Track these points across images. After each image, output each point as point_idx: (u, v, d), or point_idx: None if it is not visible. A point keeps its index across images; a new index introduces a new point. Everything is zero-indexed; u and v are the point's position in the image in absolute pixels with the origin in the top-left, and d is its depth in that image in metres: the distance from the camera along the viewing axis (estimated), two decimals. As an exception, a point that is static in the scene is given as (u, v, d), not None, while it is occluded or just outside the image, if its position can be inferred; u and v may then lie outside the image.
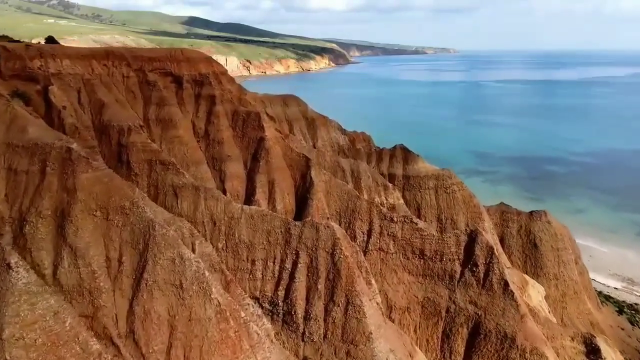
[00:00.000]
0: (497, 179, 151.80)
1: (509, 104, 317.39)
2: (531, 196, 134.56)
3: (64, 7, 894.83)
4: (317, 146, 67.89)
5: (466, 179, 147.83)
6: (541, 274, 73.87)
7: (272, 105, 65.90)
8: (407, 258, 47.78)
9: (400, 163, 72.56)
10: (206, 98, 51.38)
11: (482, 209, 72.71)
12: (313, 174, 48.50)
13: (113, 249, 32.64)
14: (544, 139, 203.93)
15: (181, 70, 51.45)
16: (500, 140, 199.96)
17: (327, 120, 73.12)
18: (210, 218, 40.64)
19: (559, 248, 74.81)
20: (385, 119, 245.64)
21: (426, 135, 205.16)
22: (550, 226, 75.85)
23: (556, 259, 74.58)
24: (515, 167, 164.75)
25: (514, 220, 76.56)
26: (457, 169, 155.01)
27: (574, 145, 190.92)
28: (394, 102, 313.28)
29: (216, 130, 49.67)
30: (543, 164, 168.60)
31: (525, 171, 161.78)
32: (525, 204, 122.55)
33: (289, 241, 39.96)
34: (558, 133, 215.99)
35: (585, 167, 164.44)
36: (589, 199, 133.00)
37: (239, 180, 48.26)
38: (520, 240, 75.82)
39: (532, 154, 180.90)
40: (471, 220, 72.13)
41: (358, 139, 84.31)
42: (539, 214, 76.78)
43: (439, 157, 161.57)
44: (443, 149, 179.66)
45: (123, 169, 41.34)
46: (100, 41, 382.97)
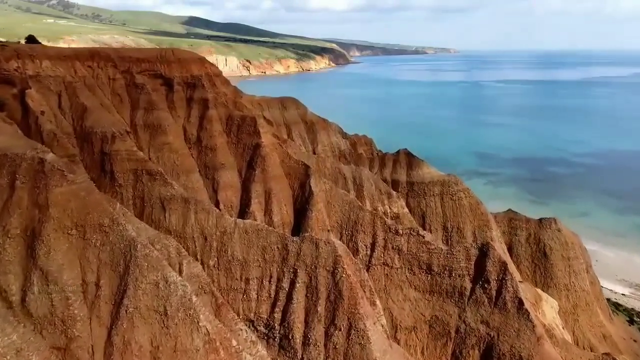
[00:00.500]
0: (500, 180, 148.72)
1: (510, 104, 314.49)
2: (534, 199, 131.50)
3: (64, 7, 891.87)
4: (317, 151, 64.61)
5: (468, 180, 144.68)
6: (551, 284, 70.58)
7: (270, 109, 62.64)
8: (413, 273, 44.57)
9: (404, 169, 69.27)
10: (198, 102, 48.12)
11: (490, 216, 69.45)
12: (312, 183, 45.22)
13: (90, 271, 29.36)
14: (546, 140, 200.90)
15: (172, 72, 48.18)
16: (502, 141, 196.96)
17: (328, 123, 69.85)
18: (201, 233, 37.38)
19: (570, 257, 71.53)
20: (385, 119, 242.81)
21: (427, 136, 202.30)
22: (561, 234, 72.56)
23: (567, 269, 71.29)
24: (518, 168, 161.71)
25: (523, 228, 73.29)
26: (458, 171, 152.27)
27: (577, 147, 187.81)
28: (394, 102, 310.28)
29: (209, 136, 46.40)
30: (546, 165, 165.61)
31: (528, 173, 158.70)
32: (528, 207, 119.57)
33: (287, 258, 36.71)
34: (560, 134, 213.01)
35: (589, 169, 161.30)
36: (594, 202, 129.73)
37: (233, 190, 44.99)
38: (529, 249, 72.56)
39: (535, 155, 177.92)
40: (478, 229, 68.89)
41: (359, 142, 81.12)
42: (548, 221, 73.45)
43: (440, 159, 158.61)
44: (444, 150, 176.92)
45: (106, 180, 38.10)
46: (100, 41, 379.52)
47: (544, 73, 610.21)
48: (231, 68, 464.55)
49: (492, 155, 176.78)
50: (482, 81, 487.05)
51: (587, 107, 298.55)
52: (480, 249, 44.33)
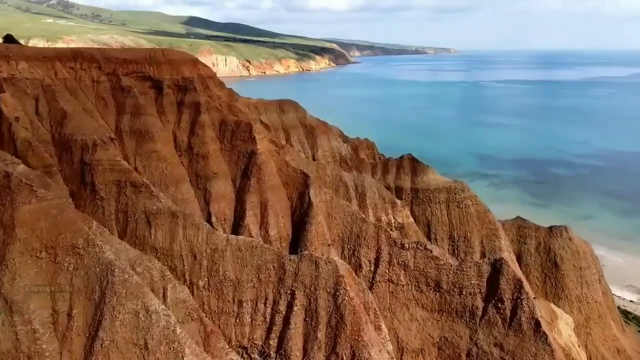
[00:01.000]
0: (502, 182, 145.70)
1: (510, 105, 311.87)
2: (537, 201, 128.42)
3: (64, 6, 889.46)
4: (317, 157, 61.32)
5: (470, 183, 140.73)
6: (562, 295, 67.25)
7: (267, 112, 59.33)
8: (420, 291, 41.35)
9: (408, 175, 65.96)
10: (190, 106, 44.82)
11: (498, 225, 66.15)
12: (312, 194, 41.93)
13: (61, 300, 26.13)
14: (547, 141, 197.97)
15: (161, 74, 44.89)
16: (503, 142, 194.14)
17: (328, 127, 66.55)
18: (190, 250, 34.11)
19: (582, 267, 68.14)
20: (385, 120, 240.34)
21: (427, 137, 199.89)
22: (572, 243, 69.19)
23: (579, 280, 67.88)
24: (520, 170, 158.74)
25: (532, 236, 69.92)
26: (459, 172, 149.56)
27: (579, 147, 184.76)
28: (395, 102, 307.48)
29: (201, 143, 43.11)
30: (548, 166, 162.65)
31: (530, 174, 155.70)
32: (531, 210, 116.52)
33: (283, 279, 33.46)
34: (562, 134, 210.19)
35: (592, 170, 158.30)
36: (598, 204, 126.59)
37: (227, 201, 41.70)
38: (539, 259, 69.20)
39: (537, 156, 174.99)
40: (486, 238, 65.64)
41: (361, 146, 77.92)
42: (559, 229, 70.04)
43: (441, 160, 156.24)
44: (445, 151, 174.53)
45: (87, 192, 34.86)
46: (99, 41, 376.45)
47: (544, 73, 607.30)
48: (231, 68, 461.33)
49: (493, 156, 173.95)
50: (483, 81, 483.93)
51: (588, 107, 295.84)
52: (493, 264, 41.10)
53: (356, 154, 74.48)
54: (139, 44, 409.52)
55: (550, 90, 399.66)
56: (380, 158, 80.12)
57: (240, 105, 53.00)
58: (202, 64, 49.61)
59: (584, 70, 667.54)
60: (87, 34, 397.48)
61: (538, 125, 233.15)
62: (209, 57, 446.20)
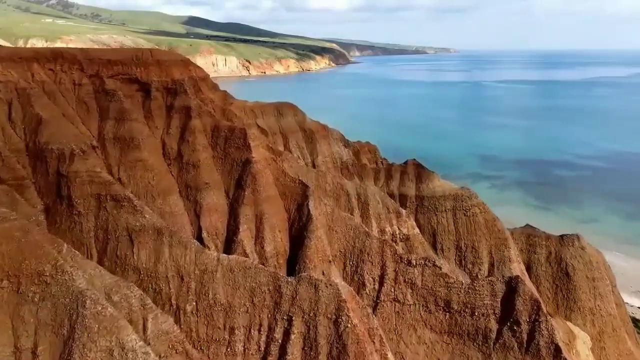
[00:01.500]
0: (504, 184, 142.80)
1: (512, 105, 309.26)
2: (540, 204, 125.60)
3: (63, 6, 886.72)
4: (317, 163, 58.03)
5: (472, 185, 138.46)
6: (575, 308, 63.92)
7: (265, 116, 56.01)
8: (429, 311, 38.14)
9: (413, 181, 62.69)
10: (180, 110, 41.52)
11: (507, 234, 62.93)
12: (311, 206, 38.65)
13: (25, 335, 22.88)
14: (549, 142, 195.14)
15: (149, 76, 41.58)
16: (504, 143, 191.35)
17: (328, 131, 63.24)
18: (177, 272, 30.85)
19: (595, 278, 64.85)
20: (386, 121, 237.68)
21: (428, 138, 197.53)
22: (585, 252, 65.89)
23: (592, 291, 64.55)
24: (522, 171, 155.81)
25: (542, 245, 66.62)
26: (461, 174, 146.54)
27: (582, 148, 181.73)
28: (395, 103, 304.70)
29: (191, 151, 39.81)
30: (551, 168, 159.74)
31: (533, 176, 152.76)
32: (535, 212, 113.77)
33: (280, 303, 30.22)
34: (564, 135, 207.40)
35: (595, 172, 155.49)
36: (603, 207, 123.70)
37: (219, 214, 38.42)
38: (549, 269, 65.92)
39: (539, 157, 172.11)
40: (495, 248, 62.43)
41: (363, 150, 74.70)
42: (570, 238, 66.65)
43: (442, 161, 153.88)
44: (446, 152, 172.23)
45: (63, 207, 31.59)
46: (99, 41, 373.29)
47: (544, 73, 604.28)
48: (231, 68, 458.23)
49: (495, 157, 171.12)
50: (483, 81, 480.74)
51: (589, 107, 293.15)
52: (508, 283, 37.86)
53: (358, 158, 71.25)
54: (138, 44, 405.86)
55: (551, 90, 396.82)
56: (382, 162, 77.07)
57: (235, 108, 49.69)
58: (194, 65, 46.32)
59: (584, 70, 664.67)
60: (86, 34, 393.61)
61: (540, 126, 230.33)
62: (209, 57, 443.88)
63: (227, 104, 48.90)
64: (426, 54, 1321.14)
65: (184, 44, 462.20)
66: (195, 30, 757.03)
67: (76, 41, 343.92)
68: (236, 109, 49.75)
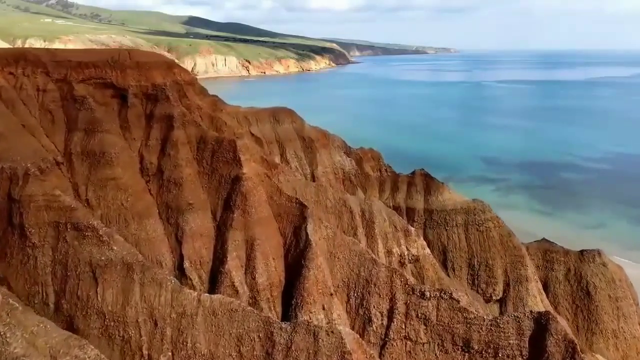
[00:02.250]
0: (508, 187, 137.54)
1: (514, 106, 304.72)
2: (546, 208, 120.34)
3: (63, 6, 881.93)
4: (317, 174, 52.98)
5: (475, 187, 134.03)
6: (596, 330, 58.90)
7: (259, 123, 50.97)
8: (445, 351, 33.13)
9: (421, 193, 57.67)
10: (161, 119, 36.40)
11: (524, 250, 57.94)
12: (310, 230, 33.57)
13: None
14: (553, 143, 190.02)
15: (126, 80, 36.45)
16: (507, 144, 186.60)
17: (329, 138, 58.18)
18: (149, 315, 25.80)
19: (618, 297, 59.83)
20: (387, 121, 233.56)
21: (430, 139, 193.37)
22: (607, 269, 60.91)
23: (615, 312, 59.51)
24: (526, 174, 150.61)
25: (560, 261, 61.64)
26: (464, 176, 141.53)
27: (586, 150, 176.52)
28: (396, 103, 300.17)
29: (173, 166, 34.72)
30: (555, 170, 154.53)
31: (538, 179, 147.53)
32: (540, 217, 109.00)
33: (272, 354, 25.20)
34: (567, 136, 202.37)
35: (601, 175, 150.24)
36: (609, 211, 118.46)
37: (204, 239, 33.34)
38: (568, 288, 60.97)
39: (543, 159, 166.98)
40: (510, 266, 57.42)
41: (366, 157, 69.72)
42: (591, 254, 61.60)
43: (444, 163, 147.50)
44: (448, 153, 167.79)
45: (14, 238, 26.54)
46: (97, 41, 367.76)
47: (546, 73, 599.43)
48: (230, 68, 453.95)
49: (498, 159, 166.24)
50: (484, 81, 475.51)
51: (592, 108, 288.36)
52: (537, 320, 32.84)
53: (360, 166, 66.28)
54: (137, 43, 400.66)
55: (552, 90, 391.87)
56: (387, 170, 72.31)
57: (226, 116, 44.58)
58: (179, 67, 41.15)
59: (585, 70, 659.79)
60: (85, 34, 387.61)
61: (543, 127, 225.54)
62: (208, 57, 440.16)
63: (217, 110, 43.83)
64: (426, 54, 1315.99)
65: (183, 43, 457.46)
66: (195, 30, 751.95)
67: (75, 41, 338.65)
68: (227, 117, 44.65)
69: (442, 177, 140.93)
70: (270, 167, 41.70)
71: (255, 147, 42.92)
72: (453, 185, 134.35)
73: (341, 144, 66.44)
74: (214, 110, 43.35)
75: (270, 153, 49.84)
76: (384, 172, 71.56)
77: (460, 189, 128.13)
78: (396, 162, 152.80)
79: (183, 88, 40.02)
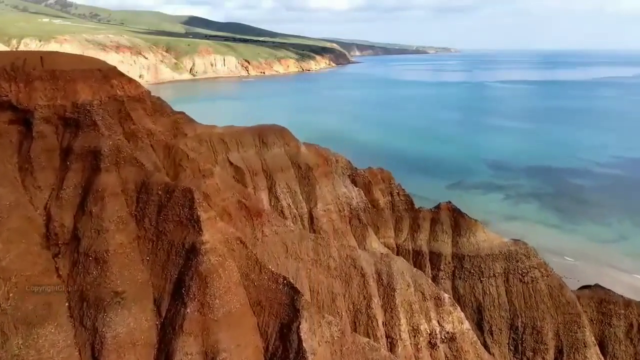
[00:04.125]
0: (518, 195, 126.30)
1: (518, 107, 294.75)
2: (560, 220, 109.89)
3: (62, 6, 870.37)
4: (316, 214, 40.59)
5: (483, 195, 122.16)
6: (668, 404, 46.75)
7: (242, 147, 38.62)
8: None
9: (448, 234, 45.33)
10: (82, 156, 24.00)
11: (579, 307, 45.67)
12: (304, 331, 21.36)
13: None
14: (562, 146, 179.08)
15: (33, 98, 24.17)
16: (514, 148, 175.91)
17: (331, 164, 45.76)
18: None
19: (695, 362, 47.55)
20: (388, 123, 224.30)
21: (433, 142, 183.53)
22: (679, 326, 48.63)
23: (691, 381, 47.22)
24: (537, 180, 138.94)
25: (620, 315, 49.72)
26: (471, 183, 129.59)
27: (597, 154, 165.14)
28: (397, 104, 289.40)
29: (95, 231, 22.44)
30: (567, 176, 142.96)
31: (549, 185, 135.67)
32: (555, 231, 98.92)
33: None
34: (576, 139, 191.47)
35: (615, 181, 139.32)
36: (630, 222, 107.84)
37: (140, 351, 21.05)
38: (631, 348, 49.06)
39: (552, 163, 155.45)
40: (563, 327, 45.21)
41: (375, 179, 57.67)
42: (659, 307, 49.39)
43: (450, 168, 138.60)
44: (453, 157, 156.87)
45: None
46: (94, 41, 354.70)
47: (548, 73, 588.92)
48: (229, 68, 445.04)
49: (505, 164, 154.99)
50: (487, 82, 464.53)
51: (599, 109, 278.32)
52: None
53: (369, 192, 54.04)
54: (134, 43, 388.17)
55: (557, 91, 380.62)
56: (399, 194, 60.42)
57: (193, 142, 32.22)
58: (121, 77, 28.63)
59: (588, 70, 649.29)
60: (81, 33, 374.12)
61: (548, 129, 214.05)
62: (207, 57, 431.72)
63: (179, 135, 31.54)
64: (427, 54, 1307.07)
65: (182, 43, 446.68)
66: (195, 30, 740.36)
67: (71, 41, 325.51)
68: (194, 143, 32.29)
69: (449, 185, 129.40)
70: (251, 216, 29.52)
71: (232, 187, 30.52)
72: (460, 193, 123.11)
73: (345, 165, 54.24)
74: (174, 135, 31.07)
75: (254, 188, 37.45)
76: (395, 196, 59.55)
77: (468, 198, 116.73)
78: (399, 167, 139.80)
79: (126, 107, 27.72)
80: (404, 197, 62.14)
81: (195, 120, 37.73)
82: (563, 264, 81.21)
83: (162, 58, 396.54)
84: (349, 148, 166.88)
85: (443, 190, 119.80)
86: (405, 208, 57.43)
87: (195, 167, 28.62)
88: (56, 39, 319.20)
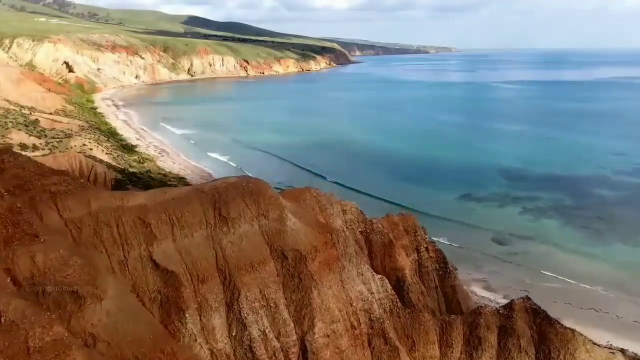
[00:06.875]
0: (538, 209, 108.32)
1: (526, 109, 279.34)
2: (586, 237, 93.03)
3: (60, 5, 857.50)
4: (313, 342, 23.27)
5: (500, 209, 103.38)
6: None
7: (179, 228, 21.48)
8: None
9: (530, 354, 27.88)
10: None
11: None
12: None
13: None
14: (580, 152, 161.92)
15: None
16: (528, 154, 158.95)
17: (339, 238, 28.36)
18: None
19: None
20: (392, 127, 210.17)
21: (441, 146, 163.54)
22: None
23: None
24: (557, 191, 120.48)
25: None
26: (484, 193, 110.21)
27: (619, 162, 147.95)
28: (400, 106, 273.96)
29: None
30: (588, 186, 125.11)
31: (571, 197, 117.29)
32: (584, 253, 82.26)
33: None
34: (594, 144, 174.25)
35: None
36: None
37: None
38: None
39: (571, 172, 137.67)
40: None
41: (396, 232, 41.38)
42: None
43: (460, 177, 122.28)
44: (463, 165, 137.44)
45: None
46: (89, 40, 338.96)
47: (554, 73, 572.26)
48: (228, 69, 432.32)
49: (520, 172, 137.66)
50: (491, 82, 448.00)
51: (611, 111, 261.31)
52: None
53: (390, 256, 37.33)
54: (131, 43, 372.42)
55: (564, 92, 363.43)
56: (428, 248, 44.30)
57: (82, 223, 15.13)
58: None
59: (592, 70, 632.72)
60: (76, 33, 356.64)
61: (562, 134, 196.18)
62: (206, 57, 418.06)
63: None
64: (427, 54, 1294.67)
65: (180, 43, 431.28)
66: (194, 30, 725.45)
67: (65, 41, 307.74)
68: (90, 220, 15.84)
69: (457, 197, 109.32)
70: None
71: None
72: (472, 207, 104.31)
73: (357, 218, 37.50)
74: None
75: (199, 308, 20.02)
76: (423, 252, 42.88)
77: (483, 211, 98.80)
78: (402, 175, 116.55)
79: None
80: (434, 253, 45.10)
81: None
82: (594, 295, 65.47)
83: (159, 58, 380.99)
84: (347, 155, 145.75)
85: (452, 203, 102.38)
86: (438, 273, 40.48)
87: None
88: (50, 39, 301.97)
